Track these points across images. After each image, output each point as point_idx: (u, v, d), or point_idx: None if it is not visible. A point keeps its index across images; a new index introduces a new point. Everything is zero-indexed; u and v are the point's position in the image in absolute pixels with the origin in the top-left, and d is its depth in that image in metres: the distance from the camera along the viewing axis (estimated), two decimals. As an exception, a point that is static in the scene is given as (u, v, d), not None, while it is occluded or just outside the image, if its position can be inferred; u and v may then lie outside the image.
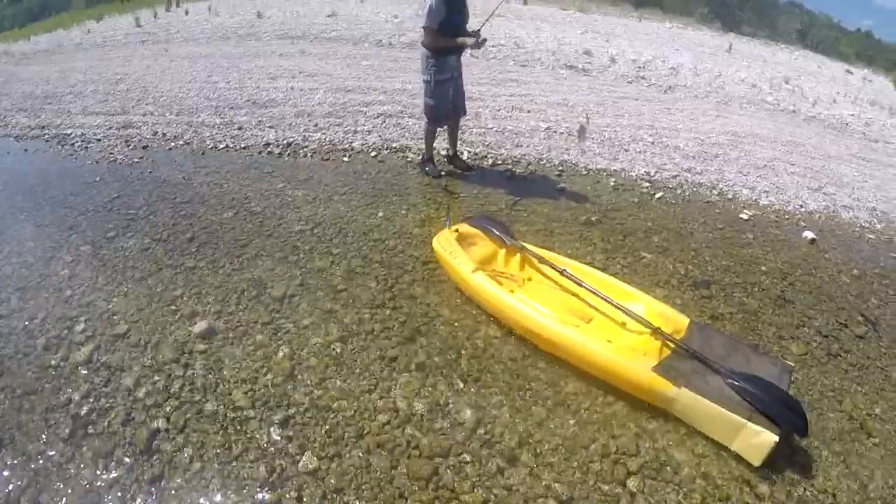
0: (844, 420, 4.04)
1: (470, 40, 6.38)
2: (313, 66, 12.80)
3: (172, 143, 7.99)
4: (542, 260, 4.89)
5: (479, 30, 6.54)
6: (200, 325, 4.28)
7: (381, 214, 6.11)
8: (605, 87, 13.90)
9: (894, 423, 4.12)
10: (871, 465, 3.69)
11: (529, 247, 5.11)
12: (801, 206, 8.04)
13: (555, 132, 9.35)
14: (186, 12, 22.22)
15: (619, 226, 6.46)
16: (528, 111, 10.44)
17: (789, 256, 6.42)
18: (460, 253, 4.80)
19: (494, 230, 5.25)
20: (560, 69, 15.34)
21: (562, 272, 4.67)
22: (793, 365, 4.20)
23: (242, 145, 7.90)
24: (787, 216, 7.63)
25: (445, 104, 6.79)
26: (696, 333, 4.15)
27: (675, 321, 4.27)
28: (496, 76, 12.80)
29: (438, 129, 7.21)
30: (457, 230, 5.17)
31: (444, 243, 4.98)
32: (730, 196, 7.93)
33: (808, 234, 7.01)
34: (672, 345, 3.99)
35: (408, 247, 5.50)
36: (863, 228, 7.78)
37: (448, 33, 6.36)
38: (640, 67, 16.86)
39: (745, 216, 7.32)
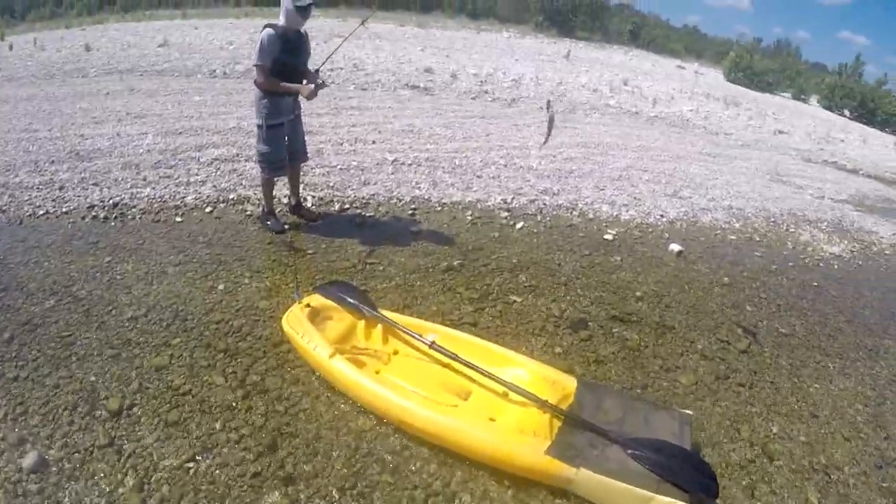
0: (746, 448, 3.93)
1: (305, 89, 5.74)
2: (142, 105, 11.70)
3: (-15, 213, 6.89)
4: (406, 330, 4.32)
5: (317, 70, 5.99)
6: (30, 457, 3.41)
7: (221, 287, 5.31)
8: (450, 106, 13.66)
9: (792, 438, 4.11)
10: (780, 489, 3.64)
11: (391, 315, 4.54)
12: (662, 216, 8.09)
13: (403, 164, 8.84)
14: (10, 47, 20.33)
15: (483, 268, 6.02)
16: (373, 142, 9.91)
17: (660, 275, 6.35)
18: (314, 334, 4.16)
19: (350, 299, 4.61)
20: (402, 90, 15.01)
21: (430, 345, 4.12)
22: (691, 413, 3.85)
23: (64, 209, 6.83)
24: (650, 229, 7.61)
25: (279, 152, 6.11)
26: (586, 397, 3.79)
27: (562, 385, 3.88)
28: (336, 104, 12.22)
29: (277, 177, 6.53)
30: (308, 304, 4.52)
31: (295, 323, 4.32)
32: (591, 216, 7.79)
33: (675, 247, 7.00)
34: (562, 416, 3.57)
35: (255, 326, 4.76)
36: (724, 230, 7.98)
37: (282, 72, 5.71)
38: (482, 82, 16.84)
39: (609, 236, 7.19)
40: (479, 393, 3.94)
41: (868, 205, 11.32)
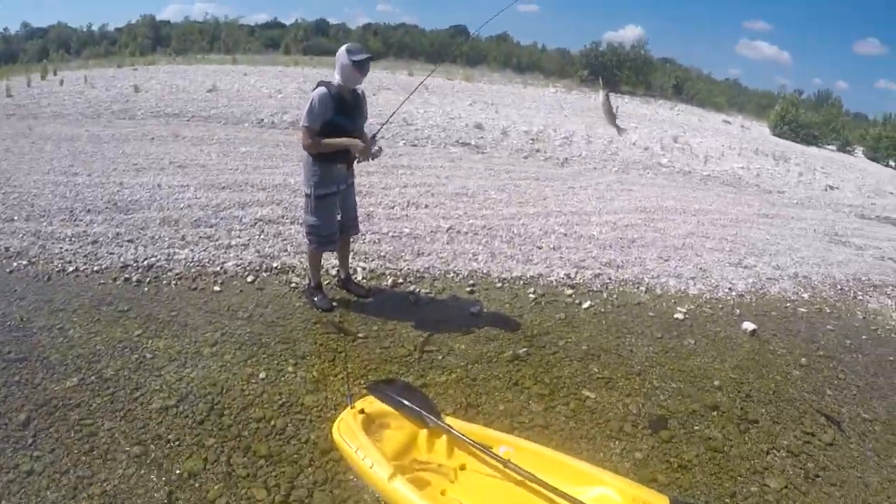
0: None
1: (358, 145, 5.23)
2: (186, 153, 11.47)
3: (14, 263, 6.45)
4: (474, 443, 3.76)
5: (374, 135, 5.48)
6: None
7: (262, 376, 4.77)
8: (502, 166, 13.34)
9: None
10: None
11: (456, 422, 3.99)
12: (731, 289, 7.72)
13: (458, 232, 8.36)
14: (61, 82, 20.65)
15: (551, 356, 5.48)
16: (426, 206, 9.47)
17: (737, 359, 5.95)
18: (370, 449, 3.60)
19: (409, 404, 4.07)
20: (453, 147, 14.74)
21: (505, 464, 3.56)
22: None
23: (95, 268, 6.42)
24: (720, 305, 7.23)
25: (330, 225, 5.59)
26: None
27: None
28: (386, 161, 11.83)
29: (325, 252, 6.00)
30: (362, 410, 3.97)
31: (349, 434, 3.77)
32: (658, 292, 7.33)
33: (748, 326, 6.67)
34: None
35: (301, 427, 4.23)
36: (793, 302, 7.70)
37: (334, 135, 5.18)
38: (533, 139, 16.66)
39: (679, 315, 6.75)
40: None
41: (929, 262, 11.15)
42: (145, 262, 6.58)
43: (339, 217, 5.66)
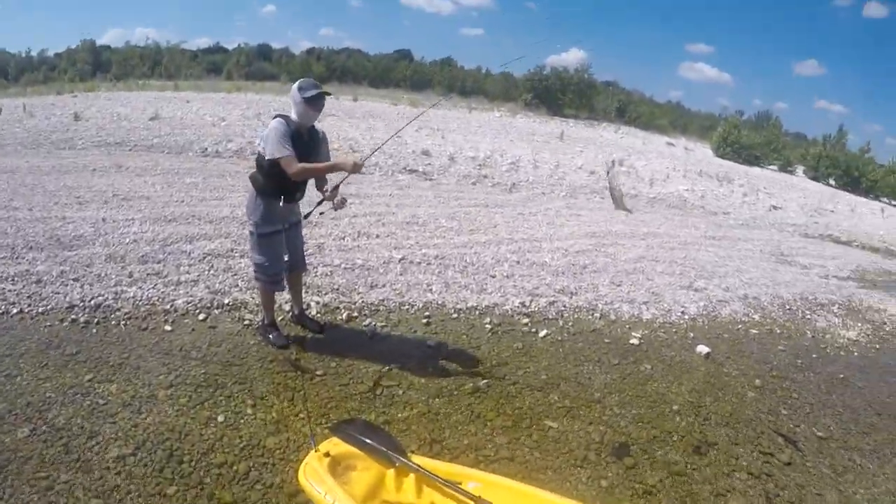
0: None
1: (347, 163, 4.97)
2: (129, 185, 11.12)
3: (-46, 306, 6.09)
4: (443, 480, 3.69)
5: (337, 185, 5.33)
6: None
7: (221, 419, 4.59)
8: (451, 193, 13.39)
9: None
10: None
11: (422, 460, 3.89)
12: (683, 313, 7.86)
13: (411, 262, 8.27)
14: None
15: (511, 387, 5.45)
16: (377, 235, 9.38)
17: (693, 383, 6.06)
18: (339, 492, 3.46)
19: (374, 443, 3.96)
20: (400, 175, 14.72)
21: (475, 500, 3.48)
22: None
23: (41, 309, 6.06)
24: (674, 329, 7.36)
25: (276, 265, 5.39)
26: None
27: None
28: (334, 190, 11.79)
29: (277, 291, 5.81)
30: (327, 453, 3.82)
31: (315, 478, 3.61)
32: (613, 317, 7.40)
33: (702, 350, 6.79)
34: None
35: (264, 470, 4.10)
36: (745, 324, 7.90)
37: (288, 178, 4.93)
38: (480, 165, 16.73)
39: (635, 341, 6.82)
40: None
41: (870, 279, 11.86)
42: (92, 302, 6.26)
43: (286, 257, 5.47)
